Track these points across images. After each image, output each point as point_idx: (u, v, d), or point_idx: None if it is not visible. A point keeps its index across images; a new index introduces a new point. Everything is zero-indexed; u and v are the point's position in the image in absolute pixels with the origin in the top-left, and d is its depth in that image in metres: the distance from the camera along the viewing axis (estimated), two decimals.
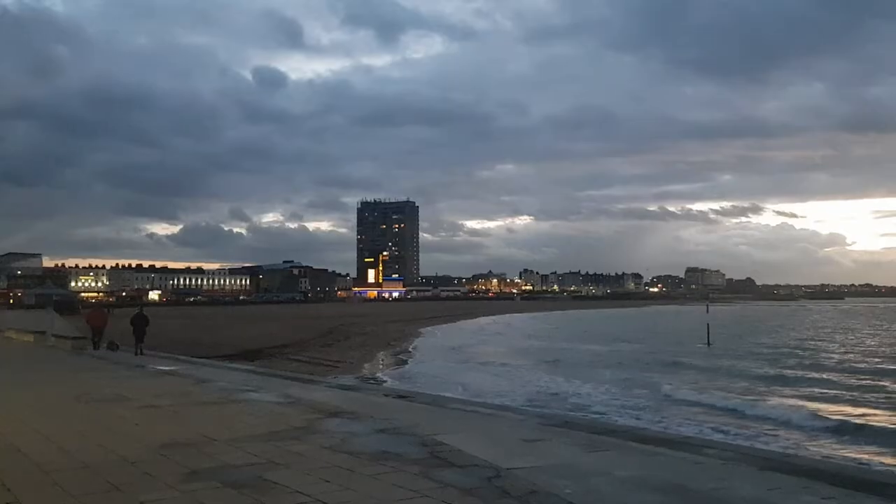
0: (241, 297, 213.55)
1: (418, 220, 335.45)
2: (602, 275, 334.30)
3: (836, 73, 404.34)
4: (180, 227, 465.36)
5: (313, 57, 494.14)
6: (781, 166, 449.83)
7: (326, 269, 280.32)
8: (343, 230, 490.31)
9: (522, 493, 7.45)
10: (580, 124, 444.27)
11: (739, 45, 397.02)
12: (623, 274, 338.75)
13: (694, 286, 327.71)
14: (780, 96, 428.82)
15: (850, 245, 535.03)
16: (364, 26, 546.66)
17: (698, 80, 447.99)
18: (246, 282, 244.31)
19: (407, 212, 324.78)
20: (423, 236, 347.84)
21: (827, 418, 20.31)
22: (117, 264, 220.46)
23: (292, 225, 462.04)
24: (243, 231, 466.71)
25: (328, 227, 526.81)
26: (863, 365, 36.71)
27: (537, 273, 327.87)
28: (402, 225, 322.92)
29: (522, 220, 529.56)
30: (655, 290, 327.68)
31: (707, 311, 60.76)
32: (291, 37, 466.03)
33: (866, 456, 15.92)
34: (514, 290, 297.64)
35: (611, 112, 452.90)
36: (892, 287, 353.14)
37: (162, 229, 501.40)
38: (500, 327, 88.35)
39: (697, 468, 9.37)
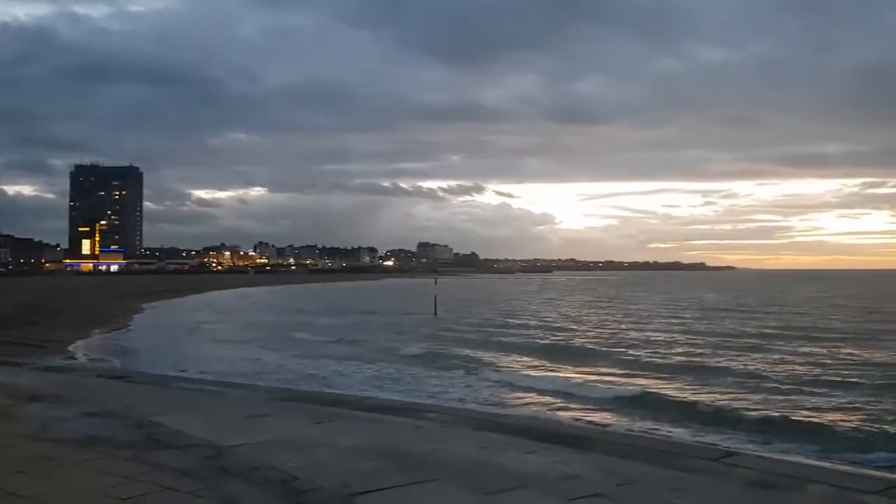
0: None
1: (142, 188, 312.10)
2: (339, 248, 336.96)
3: (547, 67, 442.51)
4: None
5: None
6: (501, 150, 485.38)
7: (31, 239, 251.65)
8: (51, 196, 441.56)
9: (244, 470, 7.28)
10: (314, 97, 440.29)
11: (464, 33, 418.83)
12: (359, 248, 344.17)
13: (425, 260, 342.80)
14: (499, 85, 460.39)
15: (558, 224, 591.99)
16: None
17: (429, 62, 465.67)
18: None
19: (129, 178, 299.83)
20: (147, 205, 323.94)
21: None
22: None
23: None
24: None
25: (32, 192, 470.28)
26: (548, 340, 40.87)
27: (273, 246, 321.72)
28: (124, 192, 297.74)
29: (256, 192, 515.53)
30: (390, 263, 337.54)
31: (435, 283, 63.90)
32: None
33: None
34: (248, 264, 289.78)
35: (346, 87, 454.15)
36: (591, 261, 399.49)
37: None
38: (233, 302, 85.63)
39: (418, 432, 9.82)
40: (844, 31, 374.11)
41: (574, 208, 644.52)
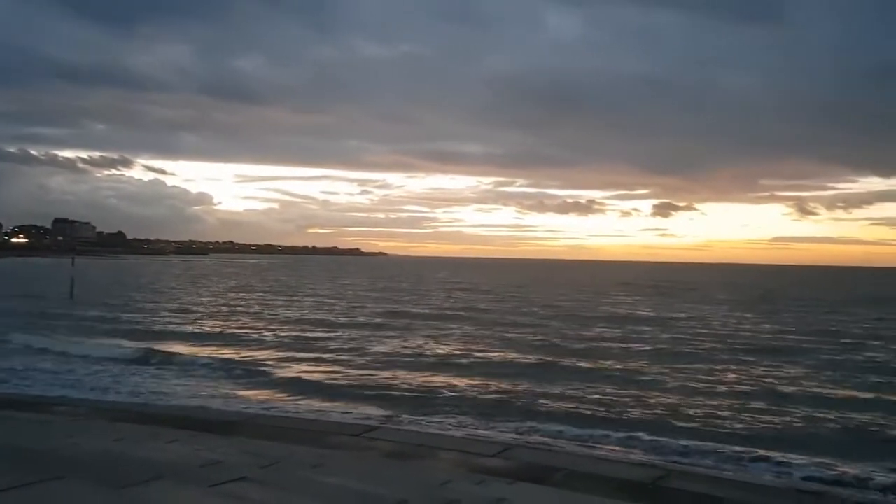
0: None
1: None
2: None
3: (204, 39, 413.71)
4: None
5: None
6: (153, 122, 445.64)
7: None
8: None
9: None
10: None
11: None
12: None
13: (62, 238, 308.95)
14: (151, 51, 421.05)
15: (216, 205, 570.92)
16: None
17: (68, 17, 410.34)
18: None
19: None
20: None
21: None
22: None
23: None
24: None
25: None
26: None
27: None
28: None
29: None
30: (18, 240, 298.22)
31: (73, 264, 57.97)
32: None
33: None
34: None
35: None
36: (249, 244, 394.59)
37: None
38: None
39: (44, 427, 8.89)
40: (484, 42, 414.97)
41: (233, 189, 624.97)
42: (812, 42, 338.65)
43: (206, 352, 23.20)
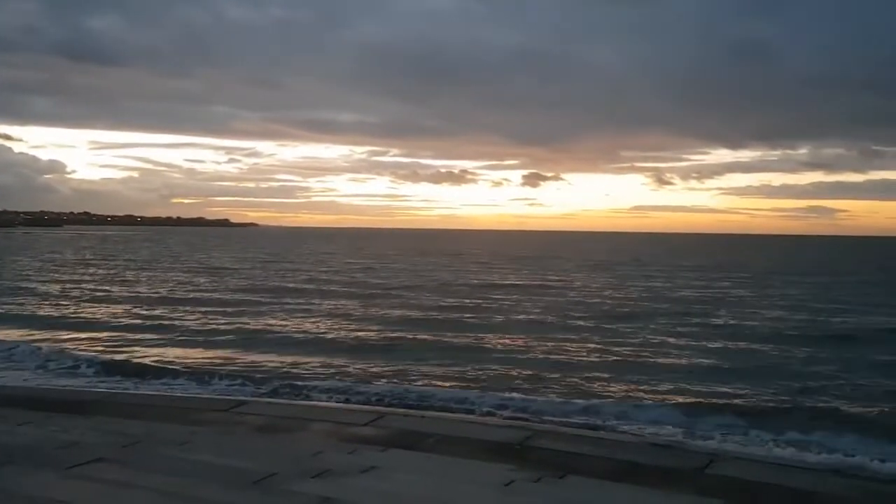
0: None
1: None
2: None
3: None
4: None
5: None
6: None
7: None
8: None
9: None
10: None
11: None
12: None
13: None
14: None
15: (69, 173, 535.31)
16: None
17: None
18: None
19: None
20: None
21: None
22: None
23: None
24: None
25: None
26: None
27: None
28: None
29: None
30: None
31: None
32: None
33: None
34: None
35: None
36: (107, 215, 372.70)
37: None
38: None
39: None
40: (357, 9, 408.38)
41: (88, 157, 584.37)
42: (670, 20, 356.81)
43: (54, 335, 21.39)
